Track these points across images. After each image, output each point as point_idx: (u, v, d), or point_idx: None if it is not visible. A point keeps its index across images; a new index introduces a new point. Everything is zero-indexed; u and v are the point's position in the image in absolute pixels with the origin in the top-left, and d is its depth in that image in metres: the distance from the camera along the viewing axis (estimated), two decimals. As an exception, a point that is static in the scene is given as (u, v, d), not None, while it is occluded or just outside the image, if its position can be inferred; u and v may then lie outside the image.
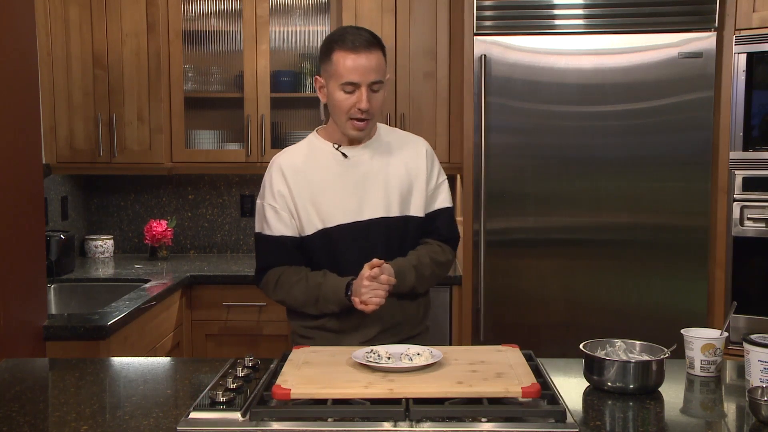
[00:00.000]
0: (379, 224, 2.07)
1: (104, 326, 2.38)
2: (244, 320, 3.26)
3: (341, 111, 2.03)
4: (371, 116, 2.03)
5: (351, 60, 1.97)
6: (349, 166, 2.09)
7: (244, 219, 3.91)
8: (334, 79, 2.01)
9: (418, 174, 2.13)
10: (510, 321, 3.19)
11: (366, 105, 1.99)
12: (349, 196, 2.07)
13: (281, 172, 2.11)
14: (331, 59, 2.01)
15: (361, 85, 1.98)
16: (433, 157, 2.20)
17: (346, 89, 1.99)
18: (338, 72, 1.99)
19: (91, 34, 3.43)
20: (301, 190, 2.08)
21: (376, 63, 1.99)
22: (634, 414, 1.54)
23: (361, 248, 2.05)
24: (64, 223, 3.61)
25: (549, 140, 3.13)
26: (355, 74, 1.97)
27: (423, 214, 2.13)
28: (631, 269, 3.14)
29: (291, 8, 3.64)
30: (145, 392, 1.68)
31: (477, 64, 3.11)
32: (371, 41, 2.00)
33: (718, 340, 1.75)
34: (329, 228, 2.06)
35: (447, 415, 1.43)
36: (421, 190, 2.12)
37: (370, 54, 1.98)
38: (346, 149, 2.10)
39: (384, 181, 2.09)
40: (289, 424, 1.42)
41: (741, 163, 3.03)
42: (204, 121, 3.70)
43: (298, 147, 2.21)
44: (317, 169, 2.10)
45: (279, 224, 2.10)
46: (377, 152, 2.12)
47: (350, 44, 1.98)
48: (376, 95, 2.02)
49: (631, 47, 3.09)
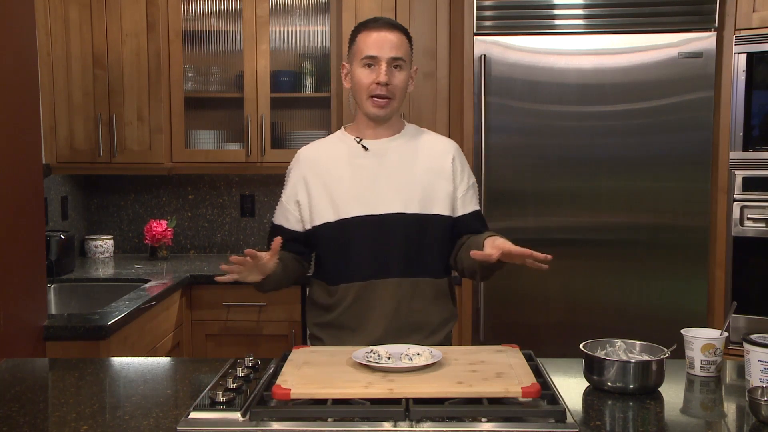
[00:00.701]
0: (395, 219, 2.04)
1: (104, 326, 2.38)
2: (244, 320, 3.26)
3: (362, 88, 2.04)
4: (392, 95, 2.03)
5: (373, 36, 2.02)
6: (368, 159, 2.08)
7: (244, 219, 3.91)
8: (356, 59, 2.04)
9: (442, 174, 2.09)
10: (510, 321, 3.19)
11: (384, 78, 1.99)
12: (366, 188, 2.06)
13: (299, 163, 2.14)
14: (355, 41, 2.06)
15: (381, 59, 2.00)
16: (463, 159, 2.17)
17: (366, 63, 2.02)
18: (359, 49, 2.03)
19: (91, 34, 3.43)
20: (316, 180, 2.08)
21: (398, 40, 2.02)
22: (634, 414, 1.54)
23: (374, 242, 2.03)
24: (64, 223, 3.61)
25: (549, 140, 3.14)
26: (375, 47, 2.00)
27: (452, 214, 2.09)
28: (631, 269, 3.14)
29: (291, 8, 3.64)
30: (145, 392, 1.68)
31: (477, 64, 3.11)
32: (394, 23, 2.06)
33: (718, 340, 1.75)
34: (343, 219, 2.04)
35: (447, 415, 1.43)
36: (448, 190, 2.09)
37: (391, 32, 2.02)
38: (367, 142, 2.09)
39: (405, 177, 2.07)
40: (289, 424, 1.42)
41: (741, 163, 3.03)
42: (204, 121, 3.70)
43: (322, 140, 2.23)
44: (335, 160, 2.10)
45: (280, 215, 2.14)
46: (400, 148, 2.10)
47: (372, 24, 2.04)
48: (397, 73, 2.02)
49: (631, 47, 3.09)
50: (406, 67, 2.05)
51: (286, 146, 3.60)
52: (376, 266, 2.03)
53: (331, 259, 2.08)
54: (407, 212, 2.05)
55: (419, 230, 2.05)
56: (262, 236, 3.90)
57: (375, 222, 2.04)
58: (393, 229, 2.04)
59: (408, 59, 2.05)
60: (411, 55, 2.08)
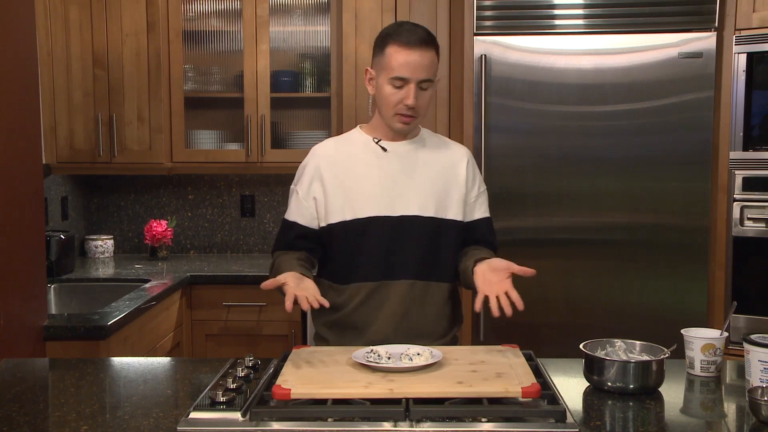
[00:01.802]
0: (412, 222, 2.04)
1: (104, 326, 2.38)
2: (244, 320, 3.26)
3: (388, 105, 2.02)
4: (418, 114, 2.02)
5: (404, 55, 1.96)
6: (386, 160, 2.07)
7: (244, 219, 3.91)
8: (384, 72, 2.00)
9: (456, 179, 2.10)
10: (510, 321, 3.16)
11: (413, 102, 1.98)
12: (384, 189, 2.05)
13: (316, 159, 2.11)
14: (384, 52, 2.00)
15: (410, 82, 1.97)
16: (474, 165, 2.18)
17: (395, 84, 1.99)
18: (390, 65, 1.98)
19: (91, 34, 3.43)
20: (333, 178, 2.07)
21: (429, 62, 1.98)
22: (634, 414, 1.54)
23: (389, 243, 2.03)
24: (64, 223, 3.61)
25: (549, 140, 3.14)
26: (406, 70, 1.97)
27: (463, 220, 2.10)
28: (631, 269, 3.14)
29: (291, 8, 3.64)
30: (145, 392, 1.68)
31: (477, 64, 3.11)
32: (426, 39, 1.99)
33: (718, 340, 1.75)
34: (359, 219, 2.04)
35: (447, 415, 1.43)
36: (460, 195, 2.09)
37: (424, 52, 1.97)
38: (386, 143, 2.09)
39: (421, 180, 2.07)
40: (289, 424, 1.42)
41: (741, 163, 3.03)
42: (204, 121, 3.70)
43: (338, 138, 2.22)
44: (353, 159, 2.09)
45: (296, 211, 2.10)
46: (418, 151, 2.10)
47: (405, 39, 1.97)
48: (424, 93, 2.01)
49: (631, 47, 3.09)
50: (434, 84, 2.03)
51: (286, 146, 3.60)
52: (389, 267, 2.03)
53: (343, 257, 2.07)
54: (423, 215, 2.05)
55: (434, 234, 2.06)
56: (262, 236, 3.90)
57: (391, 223, 2.04)
58: (408, 232, 2.04)
59: (435, 76, 2.03)
60: (438, 64, 2.05)
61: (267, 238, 3.89)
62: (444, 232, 2.07)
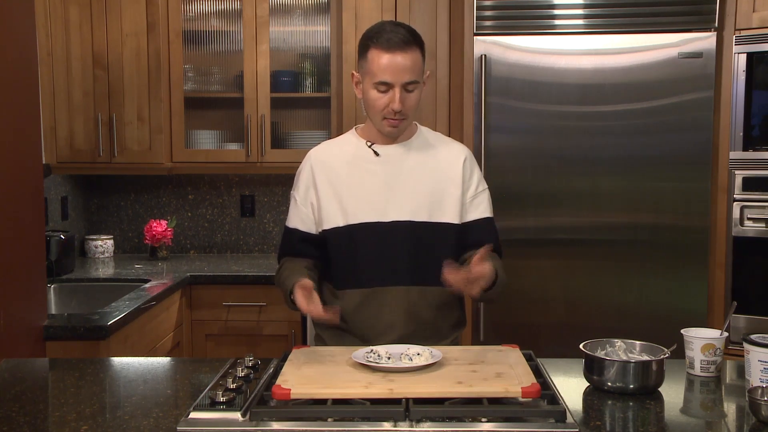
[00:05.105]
0: (404, 227, 2.02)
1: (104, 326, 2.38)
2: (244, 320, 3.26)
3: (375, 110, 1.99)
4: (406, 116, 2.00)
5: (386, 59, 1.93)
6: (379, 165, 2.06)
7: (244, 219, 3.91)
8: (368, 77, 1.97)
9: (452, 180, 2.07)
10: (510, 321, 3.19)
11: (398, 106, 1.95)
12: (376, 195, 2.03)
13: (310, 165, 2.11)
14: (366, 57, 1.97)
15: (395, 86, 1.94)
16: (473, 164, 2.13)
17: (379, 89, 1.96)
18: (372, 70, 1.95)
19: (91, 34, 3.43)
20: (325, 184, 2.06)
21: (412, 63, 1.94)
22: (634, 414, 1.54)
23: (382, 249, 2.01)
24: (64, 223, 3.61)
25: (549, 140, 3.14)
26: (389, 74, 1.93)
27: (459, 221, 2.06)
28: (631, 269, 3.14)
29: (291, 8, 3.64)
30: (145, 392, 1.68)
31: (477, 64, 3.11)
32: (407, 39, 1.95)
33: (718, 340, 1.75)
34: (352, 225, 2.03)
35: (447, 415, 1.43)
36: (456, 196, 2.06)
37: (406, 53, 1.93)
38: (378, 147, 2.07)
39: (415, 185, 2.04)
40: (289, 424, 1.42)
41: (741, 163, 3.03)
42: (204, 121, 3.70)
43: (332, 141, 2.21)
44: (345, 164, 2.07)
45: (296, 217, 2.11)
46: (411, 154, 2.07)
47: (385, 43, 1.93)
48: (411, 95, 1.98)
49: (631, 47, 3.09)
50: (420, 84, 2.00)
51: (286, 146, 3.60)
52: (383, 273, 2.02)
53: (339, 263, 2.06)
54: (416, 220, 2.02)
55: (428, 238, 2.03)
56: (261, 236, 3.90)
57: (383, 229, 2.02)
58: (401, 237, 2.02)
59: (421, 75, 1.99)
60: (423, 64, 2.01)
61: (267, 238, 3.89)
62: (438, 236, 2.04)
